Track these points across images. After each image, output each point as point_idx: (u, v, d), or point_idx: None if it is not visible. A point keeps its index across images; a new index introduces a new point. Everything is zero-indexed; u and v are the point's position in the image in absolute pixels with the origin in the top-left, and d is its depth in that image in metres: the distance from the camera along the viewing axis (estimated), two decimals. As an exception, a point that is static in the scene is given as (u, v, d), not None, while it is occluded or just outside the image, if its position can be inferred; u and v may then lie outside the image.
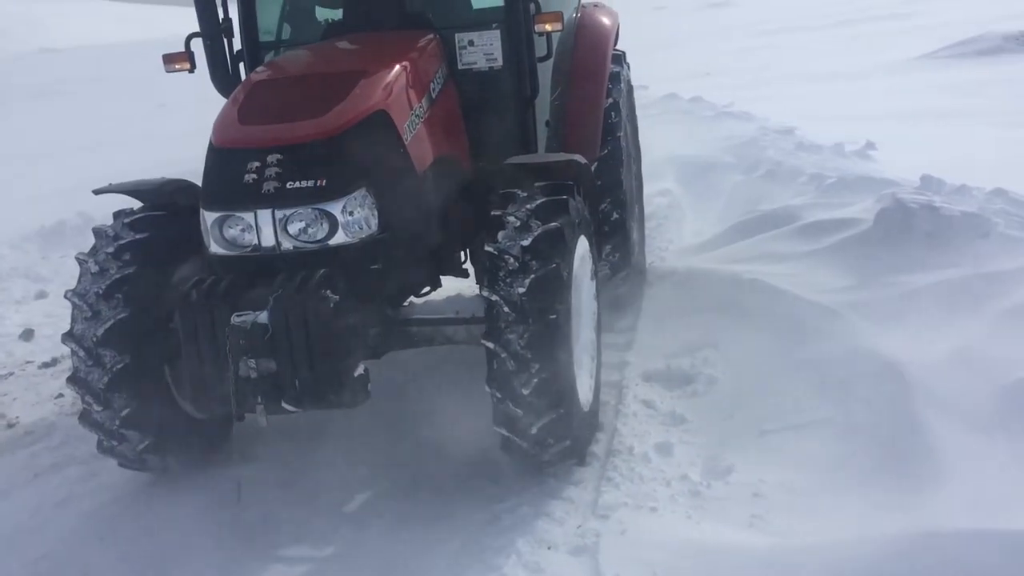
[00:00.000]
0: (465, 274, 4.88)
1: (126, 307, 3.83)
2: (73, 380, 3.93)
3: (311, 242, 3.58)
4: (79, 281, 3.98)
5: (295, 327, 3.40)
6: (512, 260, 3.62)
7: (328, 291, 3.45)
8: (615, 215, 5.40)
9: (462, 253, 4.85)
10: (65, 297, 4.03)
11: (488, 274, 3.67)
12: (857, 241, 5.40)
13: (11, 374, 5.80)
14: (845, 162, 7.96)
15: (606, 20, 5.93)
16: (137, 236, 3.97)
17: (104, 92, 27.96)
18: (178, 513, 3.96)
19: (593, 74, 5.46)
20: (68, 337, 3.93)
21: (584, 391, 4.05)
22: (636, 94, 16.71)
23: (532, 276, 3.57)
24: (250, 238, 3.60)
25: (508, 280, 3.60)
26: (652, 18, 54.76)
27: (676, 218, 7.95)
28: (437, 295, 4.89)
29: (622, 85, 5.83)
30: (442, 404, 4.64)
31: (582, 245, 4.12)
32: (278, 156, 3.59)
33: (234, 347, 3.38)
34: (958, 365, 3.91)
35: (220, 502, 3.97)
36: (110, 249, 3.93)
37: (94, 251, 3.99)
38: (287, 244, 3.57)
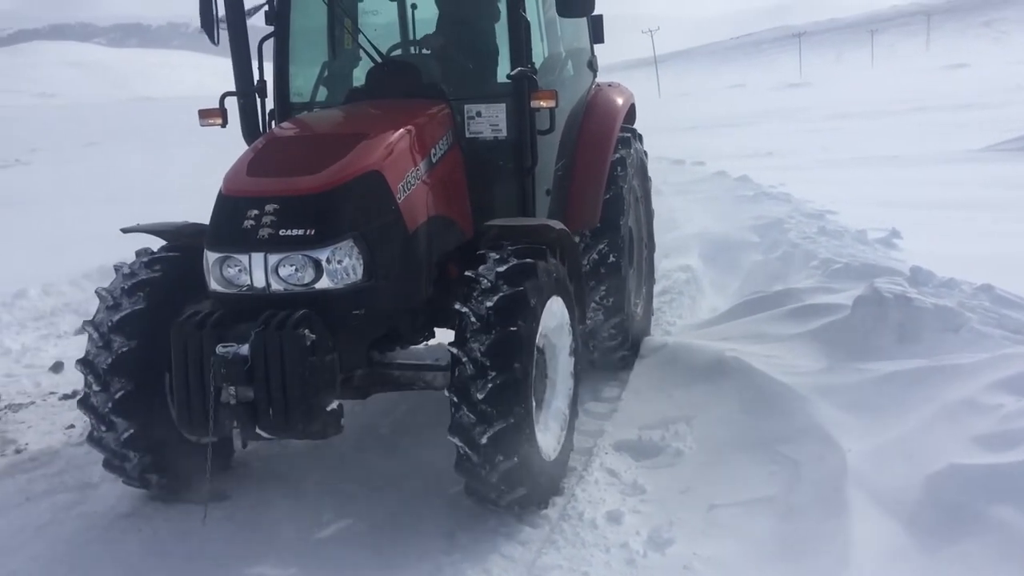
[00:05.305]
0: None
1: (133, 338, 4.20)
2: (83, 404, 4.32)
3: (298, 285, 3.90)
4: (96, 313, 4.39)
5: (272, 360, 3.70)
6: (477, 321, 3.91)
7: (306, 330, 3.75)
8: (612, 258, 5.67)
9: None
10: (82, 326, 4.42)
11: (457, 331, 3.96)
12: (838, 326, 5.51)
13: (32, 403, 6.21)
14: (862, 248, 8.03)
15: (618, 99, 6.27)
16: (151, 274, 4.38)
17: (173, 141, 29.36)
18: (145, 545, 4.20)
19: (598, 148, 5.81)
20: (80, 363, 4.32)
21: (548, 447, 4.26)
22: (689, 170, 16.95)
23: (493, 335, 3.85)
24: (244, 278, 3.93)
25: (472, 338, 3.89)
26: (729, 95, 55.52)
27: (691, 293, 8.09)
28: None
29: (632, 152, 6.20)
30: (418, 452, 4.88)
31: (557, 305, 4.36)
32: (275, 206, 3.95)
33: (216, 374, 3.71)
34: (895, 453, 4.00)
35: (183, 535, 4.23)
36: (125, 285, 4.34)
37: (112, 286, 4.39)
38: (276, 286, 3.90)
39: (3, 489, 4.82)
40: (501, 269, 4.05)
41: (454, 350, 3.90)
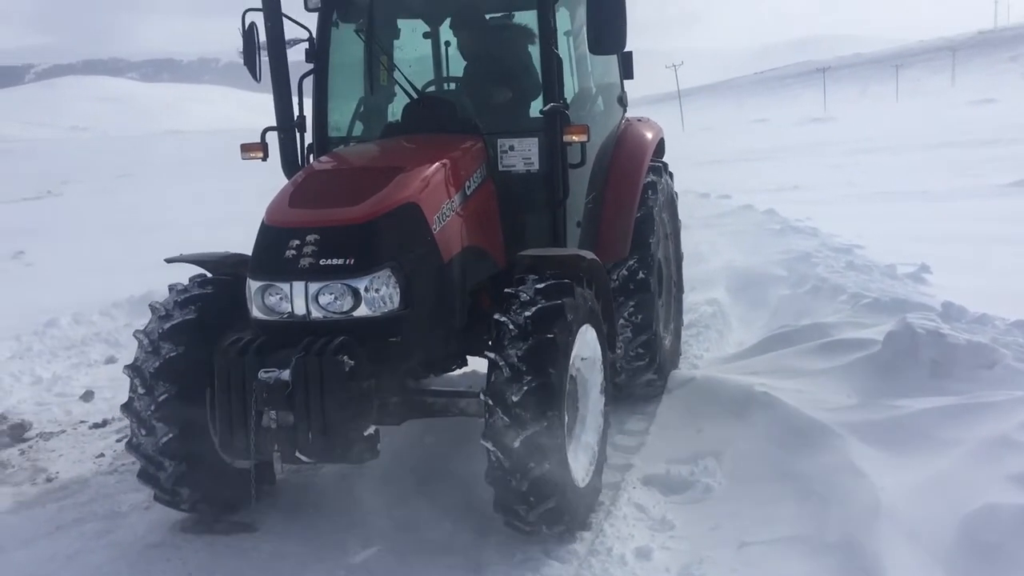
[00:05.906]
0: None
1: (181, 345, 4.30)
2: (126, 408, 4.42)
3: (337, 313, 4.00)
4: (147, 324, 4.50)
5: (312, 385, 3.80)
6: (515, 328, 3.99)
7: (345, 356, 3.84)
8: (641, 274, 5.72)
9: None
10: (133, 335, 4.53)
11: (495, 339, 4.04)
12: (868, 362, 5.47)
13: (63, 431, 6.26)
14: (891, 283, 7.98)
15: (648, 134, 6.37)
16: (203, 291, 4.53)
17: (202, 174, 29.61)
18: (173, 575, 4.21)
19: (628, 181, 5.90)
20: (128, 369, 4.42)
21: (578, 473, 4.26)
22: (715, 203, 16.93)
23: (530, 341, 3.94)
24: (286, 306, 4.05)
25: (509, 344, 3.97)
26: (753, 129, 55.45)
27: (718, 327, 8.04)
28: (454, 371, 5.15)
29: (662, 182, 6.34)
30: (445, 484, 4.87)
31: (591, 335, 4.42)
32: (316, 236, 4.07)
33: (258, 399, 3.82)
34: (929, 492, 3.93)
35: (211, 566, 4.23)
36: (178, 299, 4.49)
37: (166, 300, 4.54)
38: (316, 313, 4.01)
39: (33, 517, 4.86)
40: (540, 286, 4.17)
41: (491, 355, 3.97)
